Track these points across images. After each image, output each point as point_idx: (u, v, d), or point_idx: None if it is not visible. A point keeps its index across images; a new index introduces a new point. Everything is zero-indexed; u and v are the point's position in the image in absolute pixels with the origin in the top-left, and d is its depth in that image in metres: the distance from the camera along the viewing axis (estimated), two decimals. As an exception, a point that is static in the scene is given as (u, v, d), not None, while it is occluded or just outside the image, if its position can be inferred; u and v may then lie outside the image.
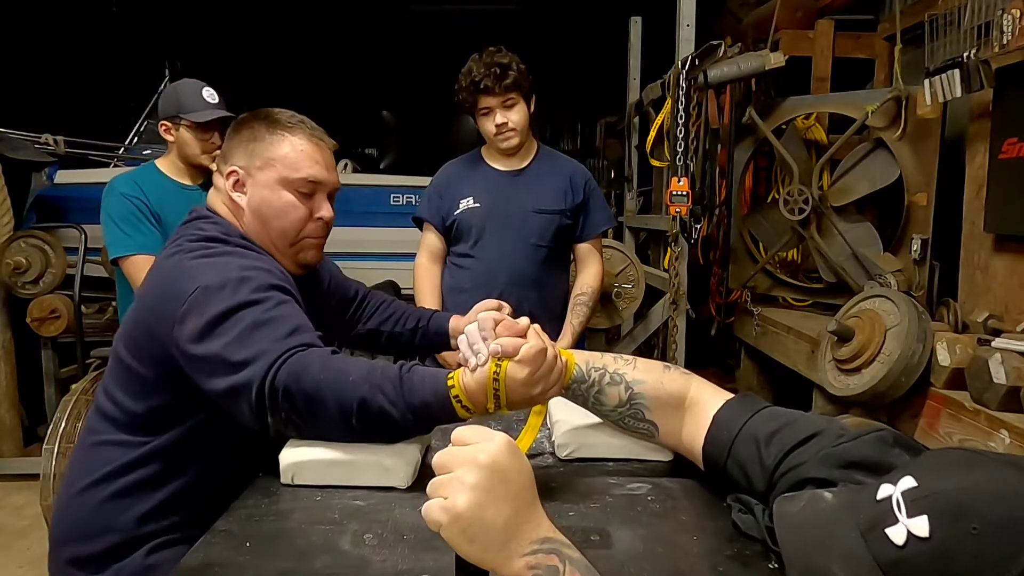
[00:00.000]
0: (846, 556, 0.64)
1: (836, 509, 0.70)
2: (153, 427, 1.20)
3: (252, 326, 1.08)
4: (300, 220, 1.32)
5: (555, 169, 2.39)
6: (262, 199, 1.30)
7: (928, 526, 0.61)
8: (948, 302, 2.39)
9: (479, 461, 0.67)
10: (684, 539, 0.94)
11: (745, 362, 3.44)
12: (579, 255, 2.44)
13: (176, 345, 1.12)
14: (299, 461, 1.07)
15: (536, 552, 0.67)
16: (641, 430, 1.11)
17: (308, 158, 1.32)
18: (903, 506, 0.63)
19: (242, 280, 1.14)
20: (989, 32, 2.08)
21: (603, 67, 5.62)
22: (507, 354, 1.00)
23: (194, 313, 1.11)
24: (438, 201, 2.37)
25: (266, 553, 0.88)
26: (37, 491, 2.48)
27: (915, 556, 0.61)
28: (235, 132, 1.35)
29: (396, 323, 1.68)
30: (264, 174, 1.30)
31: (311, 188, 1.32)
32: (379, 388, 1.03)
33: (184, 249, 1.23)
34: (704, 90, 3.00)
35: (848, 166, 2.88)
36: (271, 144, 1.31)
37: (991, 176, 2.24)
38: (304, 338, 1.09)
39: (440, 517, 0.66)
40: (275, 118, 1.33)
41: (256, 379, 1.03)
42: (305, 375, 1.03)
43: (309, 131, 1.34)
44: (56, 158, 4.41)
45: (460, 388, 1.02)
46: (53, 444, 2.48)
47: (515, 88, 2.24)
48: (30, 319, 3.67)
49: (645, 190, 4.60)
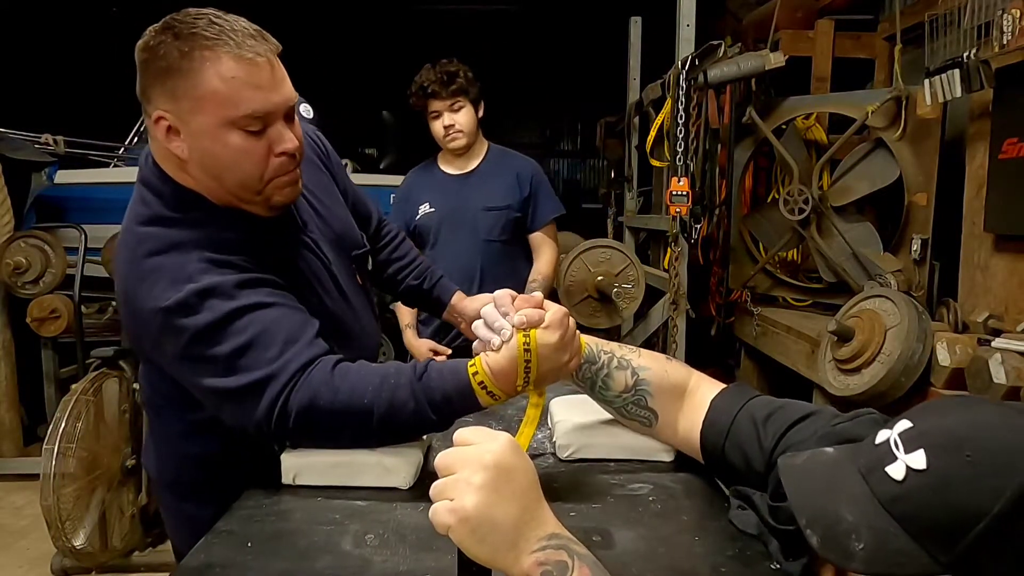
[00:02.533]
0: (851, 498, 0.65)
1: (838, 458, 0.72)
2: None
3: (238, 351, 1.01)
4: (258, 164, 1.08)
5: (503, 167, 2.56)
6: (204, 151, 1.06)
7: (925, 458, 0.63)
8: (948, 302, 2.39)
9: (484, 461, 0.67)
10: (686, 539, 0.94)
11: (745, 362, 3.44)
12: (533, 244, 2.60)
13: (167, 366, 1.09)
14: (300, 462, 1.07)
15: (545, 548, 0.67)
16: (641, 418, 1.11)
17: (245, 85, 1.02)
18: (900, 445, 0.65)
19: (201, 294, 1.02)
20: (989, 32, 2.08)
21: (603, 67, 5.62)
22: (533, 323, 0.99)
23: (166, 339, 1.04)
24: (403, 208, 2.57)
25: (267, 553, 0.88)
26: (37, 491, 2.47)
27: (914, 489, 0.63)
28: (143, 61, 1.04)
29: (401, 270, 1.66)
30: (198, 120, 1.03)
31: (260, 124, 1.06)
32: (395, 395, 1.01)
33: (134, 238, 1.09)
34: (704, 90, 3.00)
35: (848, 166, 2.88)
36: (193, 77, 1.01)
37: (991, 176, 2.24)
38: (296, 353, 1.02)
39: (448, 519, 0.66)
40: (189, 31, 1.01)
41: (262, 415, 1.01)
42: (316, 403, 1.00)
43: (235, 47, 1.02)
44: (56, 158, 4.41)
45: (484, 373, 1.00)
46: (53, 444, 2.47)
47: (461, 93, 2.41)
48: (30, 319, 3.67)
49: (645, 190, 4.60)
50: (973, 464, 0.61)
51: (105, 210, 4.20)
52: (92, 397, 2.62)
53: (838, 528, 0.65)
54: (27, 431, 3.96)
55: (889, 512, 0.63)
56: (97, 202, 4.34)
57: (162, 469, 1.32)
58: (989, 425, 0.64)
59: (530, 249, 2.61)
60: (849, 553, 0.63)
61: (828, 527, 0.65)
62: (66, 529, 2.50)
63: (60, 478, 2.47)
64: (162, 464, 1.31)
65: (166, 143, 1.07)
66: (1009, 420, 0.64)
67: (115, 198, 4.34)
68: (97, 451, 2.62)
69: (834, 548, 0.64)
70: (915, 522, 0.62)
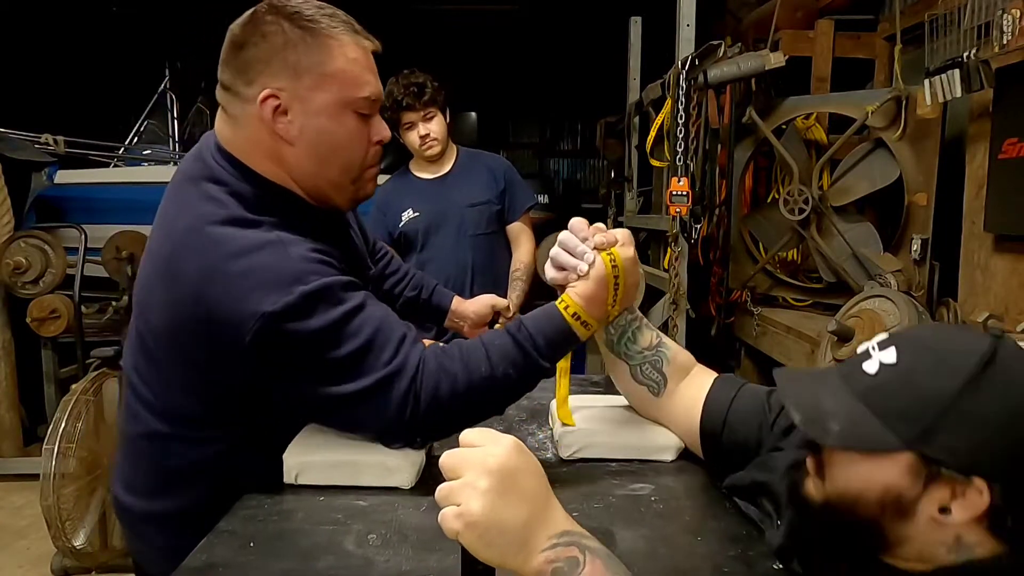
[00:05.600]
0: (831, 391, 0.74)
1: (825, 369, 0.82)
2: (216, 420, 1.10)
3: (357, 353, 0.98)
4: (363, 148, 1.10)
5: (475, 165, 2.72)
6: (320, 130, 1.05)
7: (896, 354, 0.72)
8: (948, 302, 2.39)
9: (488, 466, 0.67)
10: (687, 540, 0.94)
11: (745, 362, 3.44)
12: (511, 235, 2.76)
13: (252, 376, 1.01)
14: (303, 461, 1.07)
15: (555, 546, 0.67)
16: (652, 381, 1.15)
17: (365, 69, 1.06)
18: (876, 348, 0.74)
19: (312, 297, 0.96)
20: (989, 32, 2.08)
21: (603, 67, 5.62)
22: (611, 242, 1.04)
23: (268, 347, 0.96)
24: (383, 218, 2.66)
25: (269, 553, 0.88)
26: (37, 491, 2.47)
27: (885, 380, 0.71)
28: (247, 40, 1.02)
29: (397, 284, 1.68)
30: (320, 96, 1.03)
31: (371, 108, 1.09)
32: (504, 354, 1.03)
33: (210, 239, 1.00)
34: (704, 90, 3.00)
35: (848, 166, 2.88)
36: (319, 54, 1.02)
37: (991, 176, 2.24)
38: (411, 348, 1.02)
39: (456, 525, 0.66)
40: (307, 15, 1.02)
41: (394, 413, 1.00)
42: (441, 389, 1.01)
43: (354, 32, 1.06)
44: (56, 158, 4.41)
45: (575, 304, 1.03)
46: (53, 444, 2.47)
47: (432, 103, 2.52)
48: (30, 319, 3.67)
49: (645, 190, 4.60)
50: (936, 356, 0.70)
51: (105, 210, 4.21)
52: (92, 397, 2.63)
53: (818, 411, 0.73)
54: (27, 431, 3.96)
55: (863, 401, 0.71)
56: (97, 202, 4.35)
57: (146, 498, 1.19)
58: (956, 329, 0.79)
59: (508, 240, 2.77)
60: (826, 430, 0.72)
61: (810, 409, 0.74)
62: (66, 529, 2.50)
63: (60, 478, 2.47)
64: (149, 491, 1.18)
65: (272, 123, 1.03)
66: (968, 331, 0.75)
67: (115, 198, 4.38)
68: (97, 451, 2.63)
69: (814, 426, 0.73)
70: (884, 406, 0.70)
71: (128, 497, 1.20)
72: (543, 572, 0.66)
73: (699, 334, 3.42)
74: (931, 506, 0.68)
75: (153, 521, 1.18)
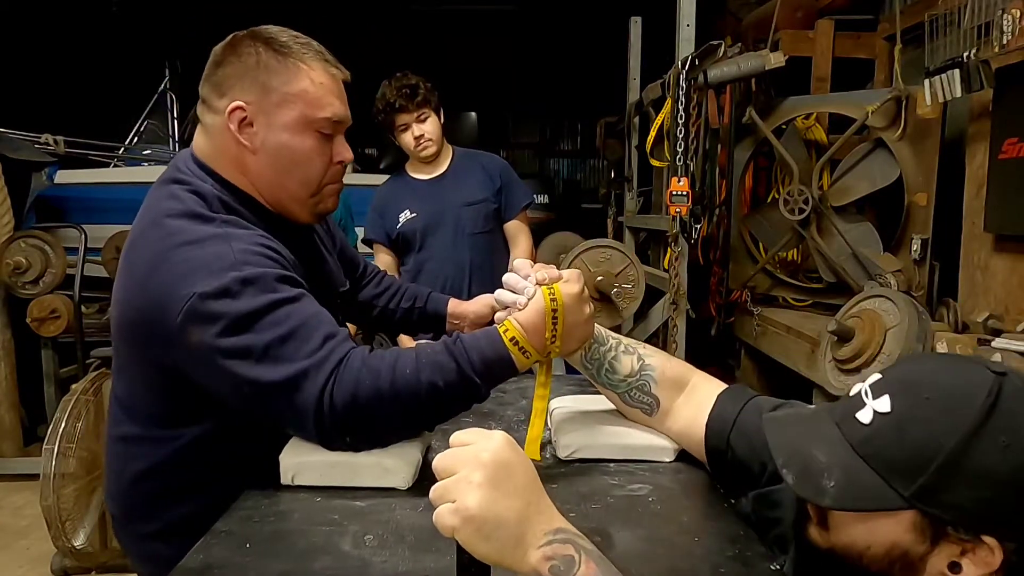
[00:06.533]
0: (824, 442, 0.71)
1: (816, 411, 0.79)
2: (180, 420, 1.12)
3: (278, 341, 0.98)
4: (322, 166, 1.17)
5: (471, 165, 2.73)
6: (281, 144, 1.13)
7: (889, 402, 0.68)
8: (948, 302, 2.39)
9: (482, 459, 0.67)
10: (685, 540, 0.93)
11: (745, 362, 3.44)
12: (509, 234, 2.77)
13: (181, 360, 1.03)
14: (299, 462, 1.07)
15: (551, 543, 0.67)
16: (643, 404, 1.13)
17: (329, 93, 1.15)
18: (870, 393, 0.71)
19: (244, 282, 1.00)
20: (989, 32, 2.08)
21: (603, 67, 5.61)
22: (553, 279, 1.05)
23: (195, 326, 0.99)
24: (381, 221, 2.70)
25: (266, 554, 0.88)
26: (37, 491, 2.47)
27: (879, 430, 0.68)
28: (225, 59, 1.13)
29: (391, 299, 1.67)
30: (283, 113, 1.12)
31: (334, 128, 1.17)
32: (436, 362, 1.01)
33: (164, 231, 1.06)
34: (704, 90, 3.00)
35: (848, 166, 2.88)
36: (286, 75, 1.12)
37: (991, 176, 2.24)
38: (336, 346, 1.01)
39: (452, 520, 0.66)
40: (281, 41, 1.13)
41: (307, 409, 0.98)
42: (361, 388, 0.98)
43: (324, 60, 1.16)
44: (56, 158, 4.42)
45: (515, 329, 1.02)
46: (53, 444, 2.47)
47: (426, 104, 2.54)
48: (30, 319, 3.67)
49: (645, 190, 4.59)
50: (930, 403, 0.66)
51: (105, 210, 4.21)
52: (92, 397, 2.63)
53: (812, 467, 0.70)
54: (27, 431, 3.96)
55: (858, 453, 0.68)
56: (97, 202, 4.35)
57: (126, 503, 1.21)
58: (948, 369, 0.70)
59: (506, 238, 2.78)
60: (821, 489, 0.68)
61: (803, 466, 0.70)
62: (66, 529, 2.50)
63: (60, 478, 2.47)
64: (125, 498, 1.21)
65: (238, 132, 1.12)
66: (967, 366, 0.70)
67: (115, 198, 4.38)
68: (97, 451, 2.62)
69: (807, 485, 0.69)
70: (881, 459, 0.66)
71: (112, 504, 1.24)
72: (540, 569, 0.66)
73: (699, 334, 3.42)
74: (941, 562, 0.66)
75: (135, 535, 1.21)
